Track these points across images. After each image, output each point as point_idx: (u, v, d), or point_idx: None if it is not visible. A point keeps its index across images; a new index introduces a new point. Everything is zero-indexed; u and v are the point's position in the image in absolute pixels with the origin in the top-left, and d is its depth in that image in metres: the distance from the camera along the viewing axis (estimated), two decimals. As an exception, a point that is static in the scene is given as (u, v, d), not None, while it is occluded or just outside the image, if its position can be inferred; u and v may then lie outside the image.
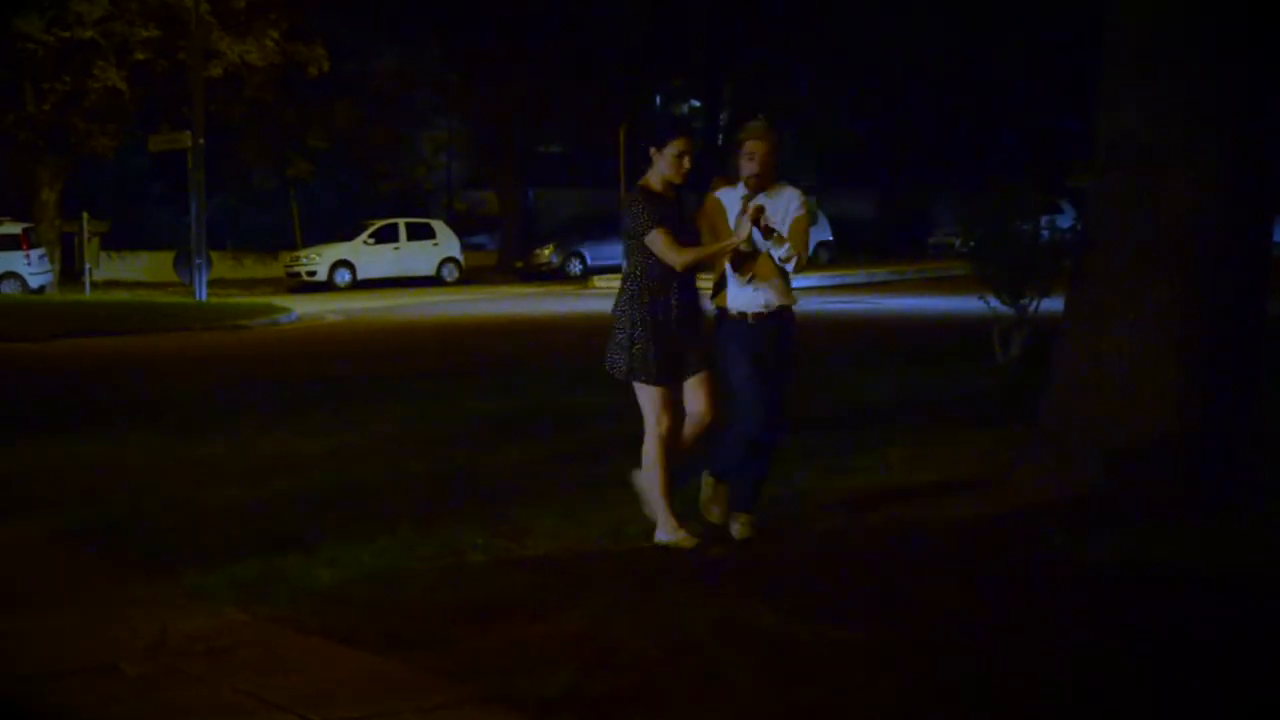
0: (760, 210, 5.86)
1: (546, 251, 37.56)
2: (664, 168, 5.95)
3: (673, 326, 5.94)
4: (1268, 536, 5.94)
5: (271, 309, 24.15)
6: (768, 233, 5.90)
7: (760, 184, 6.01)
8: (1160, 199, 6.53)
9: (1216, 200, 6.52)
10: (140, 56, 29.69)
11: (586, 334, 18.85)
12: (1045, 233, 12.26)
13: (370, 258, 34.55)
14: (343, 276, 34.00)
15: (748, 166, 6.01)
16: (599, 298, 27.34)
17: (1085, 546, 5.84)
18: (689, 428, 6.10)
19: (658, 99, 50.19)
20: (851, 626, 4.82)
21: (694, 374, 6.02)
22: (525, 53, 36.87)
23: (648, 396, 6.00)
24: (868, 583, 5.39)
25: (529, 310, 24.28)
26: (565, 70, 37.51)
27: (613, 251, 36.46)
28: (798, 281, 6.03)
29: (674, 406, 6.01)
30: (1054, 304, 9.12)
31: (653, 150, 5.98)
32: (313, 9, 31.73)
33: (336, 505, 7.12)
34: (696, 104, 50.39)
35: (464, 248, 37.19)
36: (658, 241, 5.86)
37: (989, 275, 12.46)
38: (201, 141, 27.96)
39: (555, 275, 36.28)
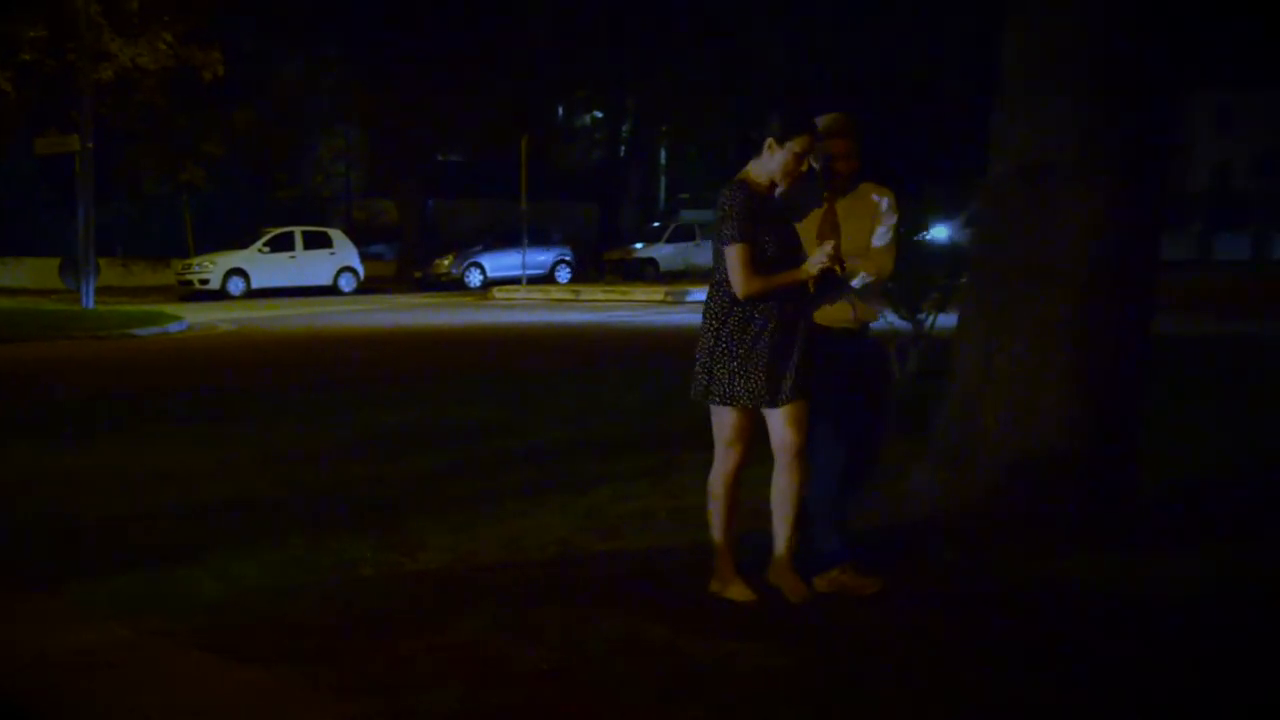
0: (833, 254, 5.15)
1: (446, 261, 37.38)
2: (775, 164, 5.18)
3: (765, 345, 5.22)
4: (1146, 557, 6.02)
5: (161, 317, 23.69)
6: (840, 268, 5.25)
7: (840, 188, 5.41)
8: (1051, 217, 6.60)
9: (1106, 219, 6.59)
10: (27, 57, 28.99)
11: (484, 346, 18.75)
12: (930, 248, 12.45)
13: (265, 266, 34.09)
14: (236, 285, 33.50)
15: (834, 167, 5.37)
16: (499, 309, 27.22)
17: (970, 565, 5.87)
18: (782, 461, 5.41)
19: (560, 110, 50.28)
20: (745, 642, 4.80)
21: (785, 403, 5.29)
22: (426, 61, 36.69)
23: (721, 419, 5.40)
24: (760, 598, 5.37)
25: (426, 321, 24.07)
26: (466, 79, 37.39)
27: (512, 262, 36.36)
28: (700, 294, 5.96)
29: (749, 436, 5.39)
30: (951, 319, 9.22)
31: (770, 141, 5.16)
32: (209, 12, 31.24)
33: (225, 518, 6.98)
34: (599, 115, 50.55)
35: (362, 257, 36.85)
36: (732, 256, 5.14)
37: (886, 289, 12.59)
38: (90, 145, 27.38)
39: (454, 286, 36.10)
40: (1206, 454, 8.41)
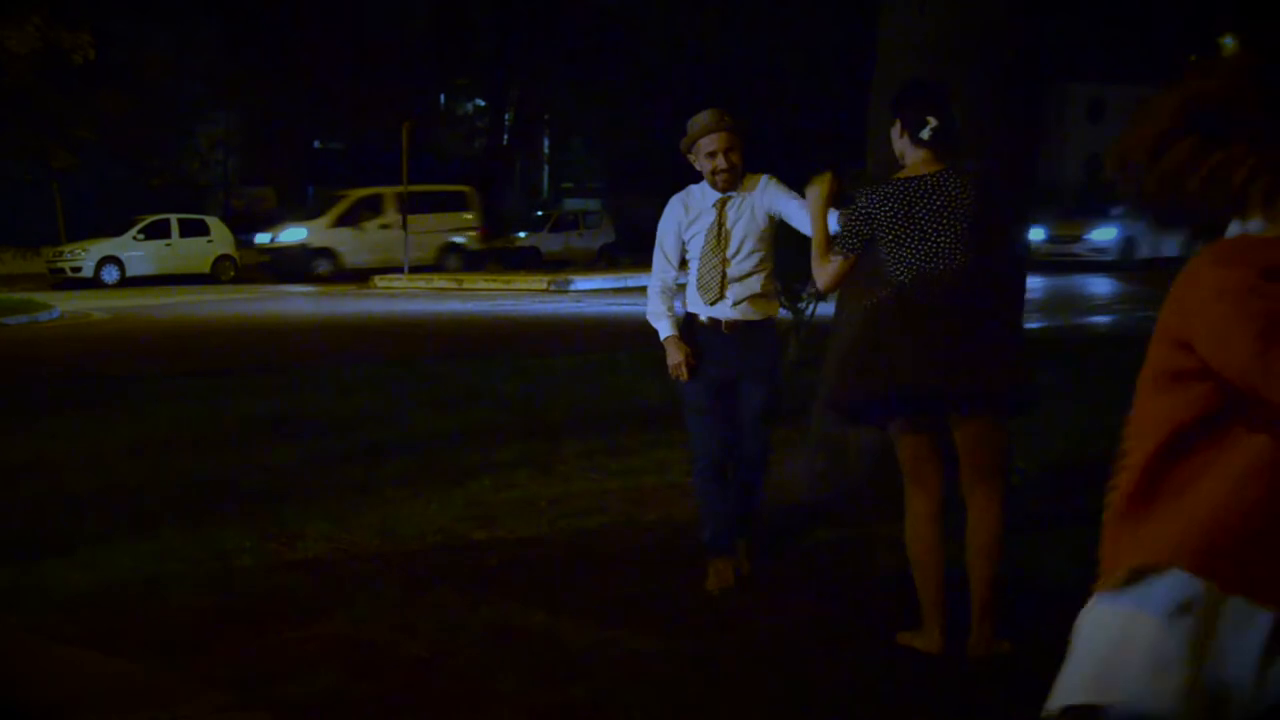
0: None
1: (327, 250, 36.82)
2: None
3: None
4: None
5: (31, 305, 23.07)
6: None
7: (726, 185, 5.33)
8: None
9: (979, 205, 6.73)
10: (-113, 38, 28.03)
11: (363, 335, 18.56)
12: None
13: (140, 254, 33.36)
14: (110, 273, 32.74)
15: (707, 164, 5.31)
16: (380, 298, 26.96)
17: (843, 548, 5.97)
18: None
19: (442, 98, 49.88)
20: (620, 627, 4.84)
21: None
22: (306, 46, 36.17)
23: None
24: (637, 584, 5.41)
25: (305, 310, 23.75)
26: (347, 65, 36.93)
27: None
28: (584, 283, 5.94)
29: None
30: (830, 307, 9.34)
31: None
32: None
33: (96, 508, 6.85)
34: (481, 103, 50.26)
35: (241, 245, 36.22)
36: None
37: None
38: (-44, 129, 26.60)
39: (336, 274, 35.60)
40: (1067, 437, 8.59)
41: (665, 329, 5.41)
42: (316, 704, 4.12)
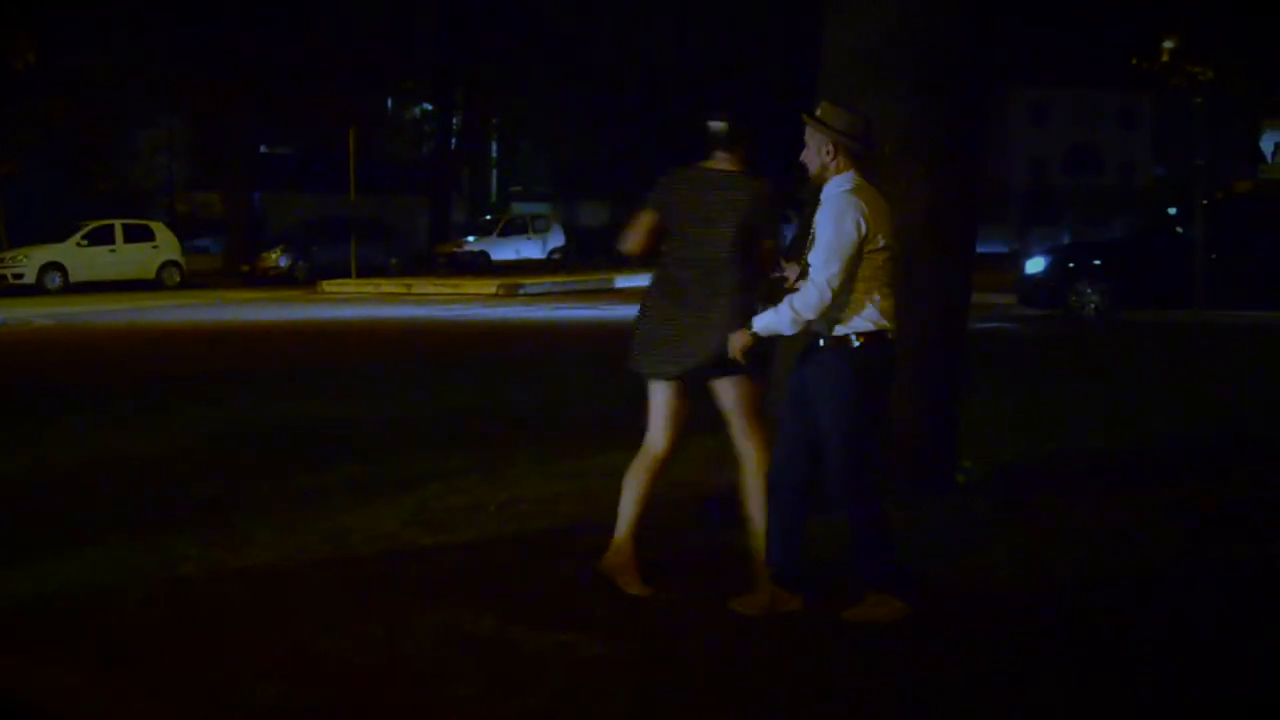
0: None
1: (274, 255, 36.66)
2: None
3: None
4: (950, 526, 6.23)
5: (-30, 313, 22.74)
6: None
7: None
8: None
9: (926, 209, 6.77)
10: None
11: (310, 341, 18.45)
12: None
13: (84, 260, 33.01)
14: (53, 280, 32.38)
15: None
16: (327, 303, 26.80)
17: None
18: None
19: (389, 102, 49.69)
20: (573, 631, 4.82)
21: None
22: (251, 49, 35.88)
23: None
24: (589, 587, 5.39)
25: (252, 316, 23.56)
26: (293, 69, 36.68)
27: (342, 254, 35.76)
28: (533, 288, 5.89)
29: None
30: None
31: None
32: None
33: (41, 518, 6.75)
34: (429, 108, 50.09)
35: (187, 251, 35.92)
36: None
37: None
38: (-106, 134, 26.18)
39: (283, 280, 35.41)
40: (1016, 436, 8.65)
41: None
42: (266, 713, 4.08)
